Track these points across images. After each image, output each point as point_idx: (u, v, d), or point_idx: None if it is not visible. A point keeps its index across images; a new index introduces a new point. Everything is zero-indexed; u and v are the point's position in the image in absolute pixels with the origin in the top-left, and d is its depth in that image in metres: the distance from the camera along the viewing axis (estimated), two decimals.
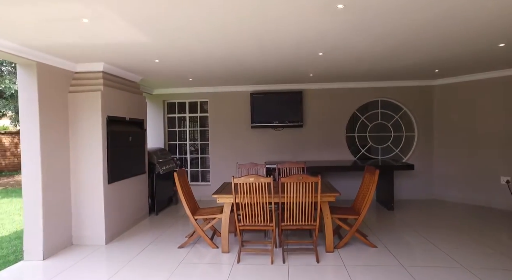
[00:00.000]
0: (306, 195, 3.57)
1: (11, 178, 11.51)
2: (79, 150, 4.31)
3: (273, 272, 3.36)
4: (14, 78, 8.51)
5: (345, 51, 4.04)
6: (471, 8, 2.68)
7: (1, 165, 12.41)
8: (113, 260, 3.79)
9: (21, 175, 3.84)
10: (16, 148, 12.98)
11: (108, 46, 3.60)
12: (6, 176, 11.81)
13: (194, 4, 2.48)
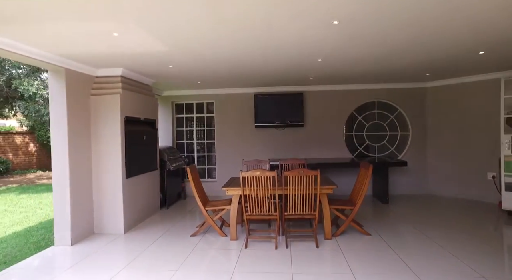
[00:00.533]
0: (307, 187, 4.00)
1: (24, 176, 11.97)
2: (100, 148, 4.75)
3: (277, 256, 3.78)
4: (31, 80, 8.95)
5: (341, 57, 4.47)
6: (450, 25, 3.09)
7: (13, 163, 12.86)
8: (132, 247, 4.22)
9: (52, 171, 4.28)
10: (27, 147, 13.44)
11: (129, 54, 4.04)
12: (19, 174, 12.27)
13: (207, 19, 2.91)
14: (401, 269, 3.34)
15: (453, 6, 2.64)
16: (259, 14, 2.78)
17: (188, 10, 2.66)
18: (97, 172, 4.76)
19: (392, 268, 3.36)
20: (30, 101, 9.16)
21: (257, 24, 3.04)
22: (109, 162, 4.75)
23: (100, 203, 4.78)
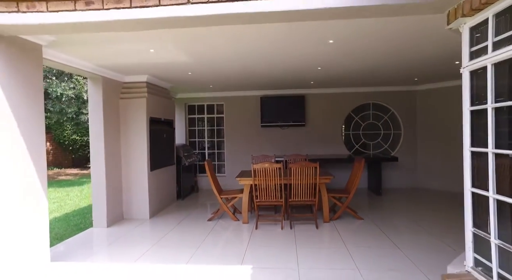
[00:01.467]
0: (308, 178, 4.71)
1: None
2: (128, 144, 5.47)
3: (283, 235, 4.49)
4: (59, 82, 9.68)
5: (338, 66, 5.17)
6: (423, 42, 3.79)
7: None
8: (157, 230, 4.93)
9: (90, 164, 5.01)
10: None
11: (156, 64, 4.75)
12: None
13: (228, 45, 3.62)
14: (387, 243, 4.05)
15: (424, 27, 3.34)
16: (269, 40, 3.49)
17: (215, 40, 3.37)
18: (126, 165, 5.49)
19: (378, 243, 4.07)
20: (57, 100, 9.90)
21: (267, 47, 3.76)
22: (136, 157, 5.47)
23: (129, 192, 5.51)
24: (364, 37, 3.59)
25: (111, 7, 2.53)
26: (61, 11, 2.56)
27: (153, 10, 2.50)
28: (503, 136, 1.98)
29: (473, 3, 2.08)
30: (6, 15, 2.58)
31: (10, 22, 2.58)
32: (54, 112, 10.52)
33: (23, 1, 2.56)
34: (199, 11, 2.47)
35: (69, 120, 11.91)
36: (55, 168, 14.00)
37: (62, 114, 10.48)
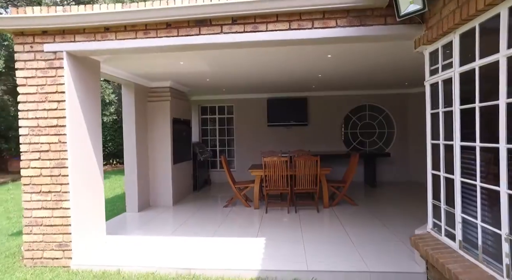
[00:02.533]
0: (310, 169, 5.54)
1: None
2: (155, 141, 6.32)
3: (289, 217, 5.32)
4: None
5: (336, 74, 6.00)
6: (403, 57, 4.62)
7: None
8: (181, 214, 5.77)
9: (124, 157, 5.86)
10: None
11: (181, 73, 5.59)
12: None
13: (246, 60, 4.46)
14: (376, 223, 4.88)
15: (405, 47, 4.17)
16: (279, 55, 4.32)
17: (236, 55, 4.21)
18: (152, 159, 6.34)
19: (370, 223, 4.90)
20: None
21: (277, 60, 4.60)
22: (161, 152, 6.32)
23: (155, 183, 6.36)
24: (356, 53, 4.42)
25: (163, 36, 3.38)
26: (126, 39, 3.41)
27: (194, 38, 3.35)
28: (449, 132, 2.80)
29: (429, 36, 2.91)
30: (86, 43, 3.43)
31: (88, 48, 3.43)
32: None
33: (98, 32, 3.41)
34: (228, 39, 3.32)
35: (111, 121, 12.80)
36: None
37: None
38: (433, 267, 2.87)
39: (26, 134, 3.57)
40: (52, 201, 3.58)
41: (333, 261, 3.46)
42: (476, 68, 2.34)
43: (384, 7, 3.10)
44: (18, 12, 3.41)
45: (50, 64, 3.52)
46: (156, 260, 3.60)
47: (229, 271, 3.33)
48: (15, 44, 3.53)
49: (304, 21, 3.20)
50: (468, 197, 2.55)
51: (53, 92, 3.53)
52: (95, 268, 3.51)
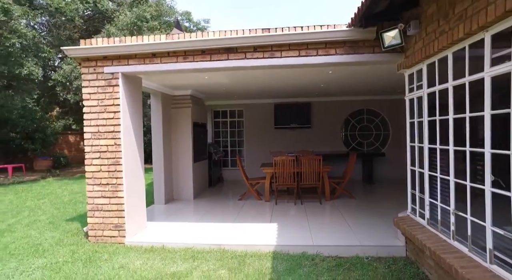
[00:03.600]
0: (314, 167, 6.44)
1: (80, 168, 14.53)
2: (178, 142, 7.23)
3: (296, 208, 6.21)
4: None
5: (336, 84, 6.89)
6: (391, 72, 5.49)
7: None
8: (201, 207, 6.66)
9: (152, 156, 6.78)
10: (79, 145, 16.03)
11: (202, 84, 6.49)
12: (76, 167, 14.84)
13: (263, 76, 5.37)
14: (370, 212, 5.77)
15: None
16: (287, 72, 5.22)
17: (252, 72, 5.12)
18: (176, 158, 7.25)
19: (365, 212, 5.79)
20: None
21: (287, 74, 5.49)
22: (184, 152, 7.23)
23: (178, 179, 7.27)
24: (352, 70, 5.32)
25: (198, 60, 4.29)
26: (169, 63, 4.32)
27: (224, 62, 4.26)
28: (421, 136, 3.68)
29: (407, 63, 3.81)
30: (137, 65, 4.35)
31: (139, 70, 4.35)
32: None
33: (147, 57, 4.33)
34: (250, 63, 4.22)
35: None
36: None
37: None
38: (410, 240, 3.77)
39: (89, 138, 4.50)
40: (109, 191, 4.50)
41: (332, 239, 4.36)
42: (437, 91, 3.24)
43: (373, 39, 3.99)
44: (85, 44, 4.33)
45: (109, 83, 4.44)
46: (191, 239, 4.51)
47: (251, 246, 4.23)
48: (82, 67, 4.46)
49: (310, 49, 4.11)
50: (433, 186, 3.44)
51: (110, 104, 4.45)
52: (144, 244, 4.43)
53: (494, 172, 2.42)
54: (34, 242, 4.54)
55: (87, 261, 3.83)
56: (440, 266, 2.96)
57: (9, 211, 6.43)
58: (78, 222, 5.62)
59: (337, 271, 3.54)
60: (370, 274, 3.46)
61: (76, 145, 16.02)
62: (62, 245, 4.40)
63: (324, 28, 4.00)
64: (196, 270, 3.55)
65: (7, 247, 4.34)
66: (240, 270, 3.56)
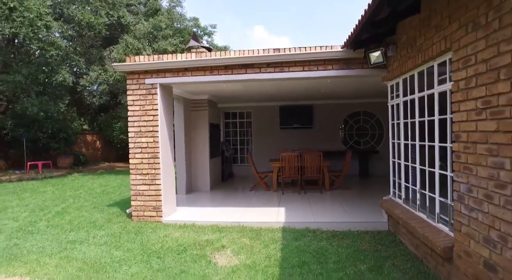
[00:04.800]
0: (315, 162, 7.47)
1: (98, 165, 15.63)
2: (197, 141, 8.28)
3: (300, 197, 7.24)
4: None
5: (335, 90, 7.92)
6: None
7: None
8: (218, 196, 7.71)
9: (176, 154, 7.83)
10: (95, 144, 17.13)
11: (218, 90, 7.53)
12: (94, 164, 15.94)
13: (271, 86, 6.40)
14: (362, 199, 6.80)
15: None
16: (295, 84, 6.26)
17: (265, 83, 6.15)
18: (194, 154, 8.30)
19: (358, 199, 6.82)
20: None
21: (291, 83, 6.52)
22: (201, 149, 8.28)
23: (196, 173, 8.32)
24: (347, 80, 6.35)
25: (222, 74, 5.33)
26: (198, 75, 5.37)
27: (242, 75, 5.30)
28: (399, 134, 4.69)
29: (389, 77, 4.83)
30: (172, 78, 5.41)
31: (173, 81, 5.41)
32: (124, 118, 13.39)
33: (180, 71, 5.38)
34: (264, 76, 5.26)
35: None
36: (105, 162, 16.92)
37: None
38: (390, 216, 4.80)
39: (133, 136, 5.55)
40: (149, 179, 5.55)
41: (330, 218, 5.39)
42: (408, 100, 4.26)
43: (361, 58, 5.02)
44: (130, 60, 5.39)
45: (149, 91, 5.49)
46: (215, 218, 5.55)
47: (264, 223, 5.26)
48: (127, 79, 5.52)
49: (312, 65, 5.14)
50: (406, 173, 4.46)
51: (150, 109, 5.50)
52: (178, 222, 5.47)
53: (441, 159, 3.45)
54: (90, 220, 5.61)
55: (138, 232, 4.88)
56: (409, 231, 3.99)
57: (56, 199, 7.51)
58: (117, 207, 6.68)
59: (333, 239, 4.57)
60: (358, 241, 4.49)
61: (93, 144, 17.12)
62: (113, 223, 5.46)
63: (323, 48, 5.03)
64: (223, 238, 4.59)
65: (72, 222, 5.41)
66: (258, 238, 4.60)
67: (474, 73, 2.59)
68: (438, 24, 3.19)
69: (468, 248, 2.74)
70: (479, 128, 2.55)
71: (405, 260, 3.77)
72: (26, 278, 3.29)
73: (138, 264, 3.61)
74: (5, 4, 7.96)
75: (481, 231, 2.54)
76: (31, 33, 8.43)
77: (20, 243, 4.39)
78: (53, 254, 3.95)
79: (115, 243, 4.36)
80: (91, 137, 17.05)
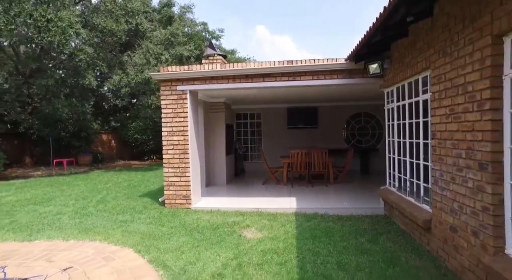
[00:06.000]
0: (321, 158, 8.38)
1: (114, 163, 16.60)
2: (214, 139, 9.21)
3: (308, 189, 8.16)
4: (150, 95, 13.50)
5: (339, 94, 8.83)
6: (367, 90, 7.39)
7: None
8: (234, 189, 8.63)
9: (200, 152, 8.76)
10: (110, 143, 18.12)
11: (234, 94, 8.45)
12: (110, 162, 16.91)
13: (284, 92, 7.32)
14: (363, 190, 7.71)
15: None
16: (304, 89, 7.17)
17: (277, 90, 7.07)
18: (212, 152, 9.23)
19: (359, 190, 7.73)
20: (147, 107, 13.74)
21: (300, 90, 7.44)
22: (219, 147, 9.21)
23: (213, 168, 9.25)
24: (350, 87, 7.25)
25: (243, 81, 6.26)
26: (222, 83, 6.30)
27: (261, 83, 6.22)
28: (393, 133, 5.58)
29: (385, 85, 5.74)
30: (200, 85, 6.34)
31: (201, 88, 6.35)
32: (142, 118, 14.38)
33: (207, 79, 6.31)
34: (279, 84, 6.18)
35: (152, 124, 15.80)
36: (120, 160, 17.90)
37: (147, 117, 14.28)
38: (386, 202, 5.71)
39: (166, 135, 6.49)
40: (180, 172, 6.49)
41: (335, 205, 6.31)
42: (400, 105, 5.17)
43: (362, 69, 5.93)
44: (164, 70, 6.33)
45: (180, 96, 6.43)
46: (236, 205, 6.47)
47: (279, 209, 6.18)
48: (161, 86, 6.45)
49: (319, 75, 6.06)
50: (400, 165, 5.37)
51: (180, 112, 6.44)
52: (204, 209, 6.41)
53: (424, 153, 4.35)
54: (129, 206, 6.56)
55: (173, 215, 5.82)
56: (400, 212, 4.89)
57: (92, 191, 8.47)
58: (147, 197, 7.62)
59: (338, 221, 5.49)
60: (359, 222, 5.40)
61: (108, 143, 18.09)
62: (149, 209, 6.41)
63: (329, 61, 5.95)
64: (247, 220, 5.52)
65: (115, 208, 6.36)
66: (275, 220, 5.52)
67: (444, 87, 3.50)
68: (421, 47, 4.09)
69: (440, 219, 3.65)
70: (447, 129, 3.46)
71: (397, 235, 4.68)
72: (104, 242, 4.24)
73: (184, 236, 4.55)
74: (43, 16, 8.95)
75: (449, 204, 3.45)
76: (63, 40, 9.40)
77: (84, 221, 5.35)
78: (114, 228, 4.90)
79: (159, 222, 5.31)
80: (107, 136, 18.02)
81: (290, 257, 3.80)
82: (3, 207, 6.54)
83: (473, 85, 2.93)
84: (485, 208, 2.78)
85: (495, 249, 2.68)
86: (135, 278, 3.12)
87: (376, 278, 3.32)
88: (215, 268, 3.44)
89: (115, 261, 3.53)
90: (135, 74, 11.74)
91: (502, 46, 2.64)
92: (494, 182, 2.68)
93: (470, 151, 3.01)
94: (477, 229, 2.91)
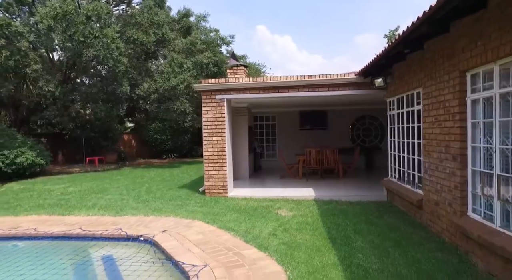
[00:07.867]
0: (332, 155, 9.74)
1: (136, 161, 17.96)
2: (239, 139, 10.56)
3: (321, 182, 9.52)
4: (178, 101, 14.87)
5: (346, 100, 10.18)
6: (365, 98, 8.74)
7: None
8: (257, 182, 9.99)
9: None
10: (130, 143, 19.50)
11: (256, 101, 9.80)
12: (133, 160, 18.26)
13: (299, 101, 8.70)
14: (369, 181, 9.07)
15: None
16: (319, 98, 8.54)
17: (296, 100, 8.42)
18: (237, 150, 10.57)
19: (365, 182, 9.09)
20: (173, 112, 15.05)
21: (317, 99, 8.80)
22: (243, 146, 10.57)
23: (239, 165, 10.60)
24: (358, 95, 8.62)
25: (272, 92, 7.63)
26: (254, 93, 7.68)
27: (286, 93, 7.60)
28: (394, 134, 6.92)
29: (388, 95, 7.10)
30: (235, 95, 7.73)
31: (236, 97, 7.73)
32: (166, 120, 15.74)
33: (241, 90, 7.69)
34: (300, 94, 7.55)
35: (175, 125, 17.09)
36: (140, 159, 19.28)
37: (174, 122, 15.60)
38: (388, 190, 7.07)
39: (206, 136, 7.87)
40: (218, 167, 7.86)
41: (346, 193, 7.67)
42: (400, 112, 6.52)
43: (369, 82, 7.29)
44: (205, 82, 7.71)
45: (218, 104, 7.80)
46: (264, 194, 7.84)
47: (301, 197, 7.54)
48: (202, 95, 7.83)
49: (334, 87, 7.42)
50: (399, 160, 6.71)
51: (219, 116, 7.81)
52: (239, 197, 7.77)
53: (418, 150, 5.71)
54: (175, 195, 7.94)
55: (216, 202, 7.18)
56: (399, 197, 6.25)
57: (134, 183, 9.85)
58: (185, 188, 8.99)
59: (350, 205, 6.84)
60: (367, 206, 6.76)
61: (129, 143, 19.48)
62: (193, 197, 7.78)
63: (342, 76, 7.31)
64: (277, 204, 6.88)
65: (163, 197, 7.74)
66: (299, 204, 6.88)
67: (431, 102, 4.86)
68: (415, 70, 5.45)
69: (428, 197, 5.01)
70: (433, 132, 4.81)
71: (397, 214, 6.05)
72: (177, 217, 5.62)
73: (235, 213, 5.93)
74: (92, 34, 10.31)
75: (434, 186, 4.81)
76: (108, 54, 10.78)
77: (148, 205, 6.73)
78: (177, 209, 6.29)
79: (208, 205, 6.68)
80: (127, 136, 19.41)
81: (319, 226, 5.17)
82: (75, 195, 7.92)
83: (449, 102, 4.29)
84: (456, 186, 4.14)
85: (461, 213, 4.04)
86: (216, 236, 4.49)
87: (382, 238, 4.68)
88: (268, 231, 4.81)
89: (194, 228, 4.89)
90: (163, 82, 13.09)
91: (465, 78, 4.00)
92: (461, 168, 4.04)
93: (447, 148, 4.37)
94: (451, 201, 4.27)
